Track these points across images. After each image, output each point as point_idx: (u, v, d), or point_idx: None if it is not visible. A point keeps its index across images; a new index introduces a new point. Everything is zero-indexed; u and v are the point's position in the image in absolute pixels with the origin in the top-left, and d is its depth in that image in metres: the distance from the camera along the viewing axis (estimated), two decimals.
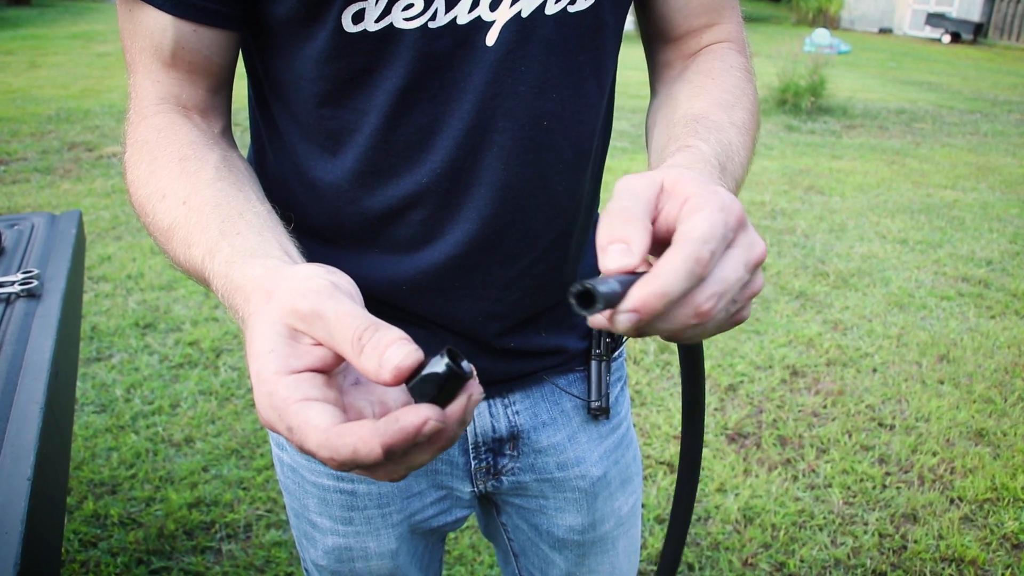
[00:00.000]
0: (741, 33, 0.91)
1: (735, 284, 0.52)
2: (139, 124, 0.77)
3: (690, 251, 0.49)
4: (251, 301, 0.56)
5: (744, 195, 5.84)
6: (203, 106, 0.80)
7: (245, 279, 0.59)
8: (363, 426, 0.47)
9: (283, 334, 0.52)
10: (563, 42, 0.78)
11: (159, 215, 0.70)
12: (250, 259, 0.60)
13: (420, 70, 0.75)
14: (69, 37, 13.60)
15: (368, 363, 0.48)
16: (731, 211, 0.52)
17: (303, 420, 0.49)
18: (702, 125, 0.74)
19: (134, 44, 0.77)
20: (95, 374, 3.17)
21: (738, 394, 3.20)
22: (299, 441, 0.49)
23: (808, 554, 2.34)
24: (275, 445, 1.04)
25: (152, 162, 0.73)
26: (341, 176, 0.82)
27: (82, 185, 5.56)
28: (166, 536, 2.32)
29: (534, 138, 0.80)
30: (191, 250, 0.66)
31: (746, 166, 0.75)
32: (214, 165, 0.71)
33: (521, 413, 0.98)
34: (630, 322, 0.48)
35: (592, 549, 1.08)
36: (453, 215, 0.82)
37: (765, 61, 9.77)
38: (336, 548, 1.01)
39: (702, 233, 0.50)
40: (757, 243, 0.54)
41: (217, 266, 0.62)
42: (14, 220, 1.79)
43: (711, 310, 0.51)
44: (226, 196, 0.68)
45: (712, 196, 0.53)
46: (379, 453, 0.47)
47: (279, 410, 0.50)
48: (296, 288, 0.53)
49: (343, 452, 0.47)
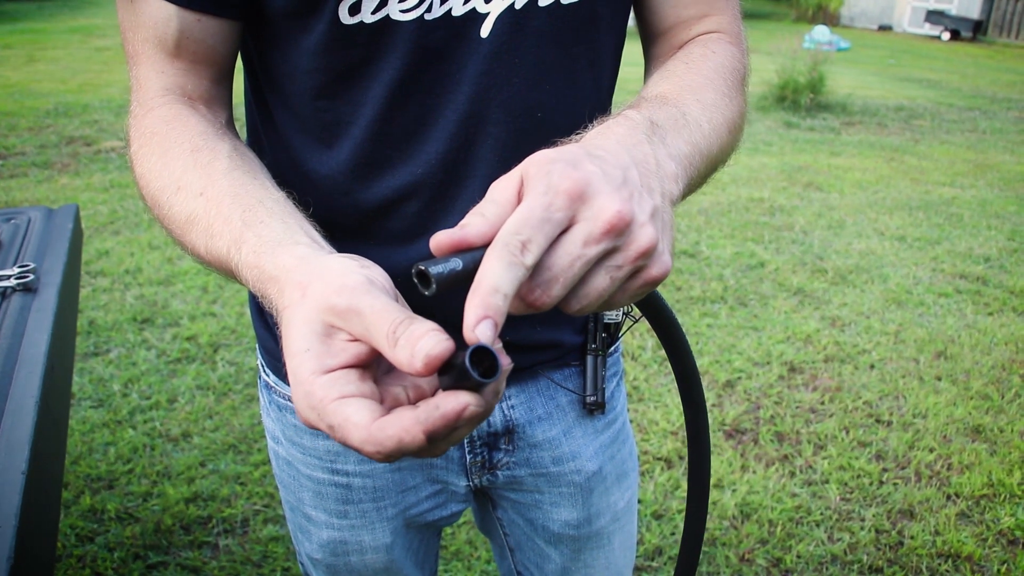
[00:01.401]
0: (735, 25, 0.89)
1: (569, 266, 0.51)
2: (145, 116, 0.76)
3: (500, 247, 0.49)
4: (285, 293, 0.56)
5: (743, 191, 5.84)
6: (207, 96, 0.80)
7: (278, 269, 0.58)
8: (403, 416, 0.49)
9: (319, 332, 0.53)
10: (557, 34, 0.78)
11: (175, 207, 0.69)
12: (279, 248, 0.60)
13: (416, 62, 0.76)
14: (68, 31, 13.56)
15: (402, 355, 0.49)
16: (557, 190, 0.51)
17: (343, 418, 0.50)
18: (648, 101, 0.71)
19: (136, 35, 0.77)
20: (92, 369, 3.17)
21: (736, 390, 3.20)
22: (342, 439, 0.50)
23: (805, 550, 2.35)
24: (271, 439, 1.04)
25: (164, 154, 0.72)
26: (336, 168, 0.82)
27: (80, 180, 5.55)
28: (163, 531, 2.32)
29: (528, 129, 0.80)
30: (213, 241, 0.65)
31: (713, 138, 0.72)
32: (227, 155, 0.71)
33: (516, 407, 0.98)
34: (489, 329, 0.48)
35: (588, 544, 1.08)
36: (447, 207, 0.82)
37: (765, 58, 9.78)
38: (331, 541, 1.01)
39: (511, 226, 0.50)
40: (605, 209, 0.51)
41: (245, 257, 0.62)
42: (11, 214, 1.79)
43: (541, 298, 0.52)
44: (243, 185, 0.67)
45: (541, 178, 0.52)
46: (422, 440, 0.48)
47: (318, 410, 0.51)
48: (331, 284, 0.53)
49: (388, 445, 0.49)
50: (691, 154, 0.67)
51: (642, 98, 0.73)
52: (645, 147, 0.61)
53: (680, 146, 0.66)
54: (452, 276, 0.50)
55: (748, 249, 4.70)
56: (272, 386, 0.99)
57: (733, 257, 4.57)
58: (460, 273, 0.50)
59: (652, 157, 0.61)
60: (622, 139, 0.61)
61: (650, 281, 0.55)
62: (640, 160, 0.59)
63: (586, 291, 0.54)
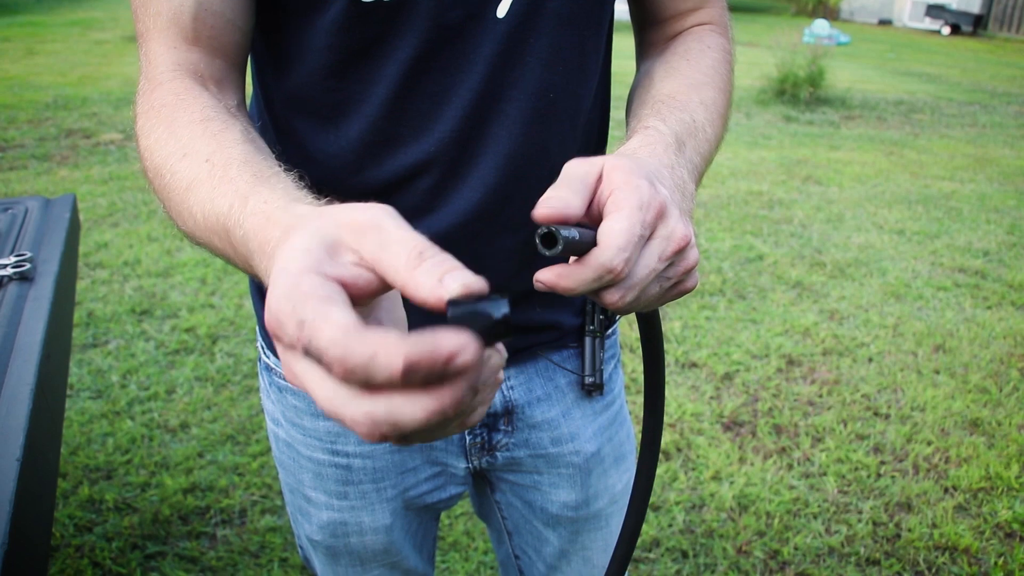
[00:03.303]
0: (724, 16, 0.94)
1: (646, 277, 0.59)
2: (153, 91, 0.71)
3: (604, 261, 0.55)
4: (295, 225, 0.50)
5: (742, 184, 5.84)
6: (220, 78, 0.76)
7: (292, 217, 0.51)
8: (389, 334, 0.39)
9: (324, 241, 0.46)
10: (571, 16, 0.80)
11: (178, 174, 0.64)
12: (296, 204, 0.54)
13: (432, 40, 0.76)
14: (67, 24, 13.54)
15: (425, 277, 0.42)
16: (649, 207, 0.57)
17: (321, 313, 0.41)
18: (666, 105, 0.77)
19: (148, 10, 0.74)
20: (91, 360, 3.17)
21: (734, 383, 3.21)
22: (308, 337, 0.41)
23: (802, 542, 2.35)
24: (271, 421, 1.04)
25: (171, 123, 0.67)
26: (346, 147, 0.82)
27: (79, 172, 5.54)
28: (161, 521, 2.32)
29: (539, 109, 0.81)
30: (215, 202, 0.59)
31: (714, 142, 0.79)
32: (240, 129, 0.67)
33: (516, 388, 0.98)
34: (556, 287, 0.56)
35: (586, 526, 1.08)
36: (458, 184, 0.83)
37: (764, 52, 9.76)
38: (331, 523, 1.02)
39: (618, 241, 0.55)
40: (676, 231, 0.59)
41: (254, 206, 0.55)
42: (8, 204, 1.79)
43: (619, 302, 0.58)
44: (255, 155, 0.63)
45: (633, 193, 0.57)
46: (398, 367, 0.38)
47: (295, 301, 0.42)
48: (356, 206, 0.48)
49: (357, 354, 0.39)
50: (700, 164, 0.75)
51: (657, 100, 0.79)
52: (677, 169, 0.68)
53: (694, 159, 0.73)
54: (573, 243, 0.54)
55: (747, 242, 4.70)
56: (273, 368, 1.00)
57: (732, 250, 4.57)
58: (579, 243, 0.55)
59: (683, 180, 0.68)
60: (663, 160, 0.68)
61: (684, 291, 0.65)
62: (679, 184, 0.67)
63: (641, 296, 0.60)
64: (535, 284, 0.57)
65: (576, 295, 0.55)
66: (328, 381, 0.42)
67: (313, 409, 0.96)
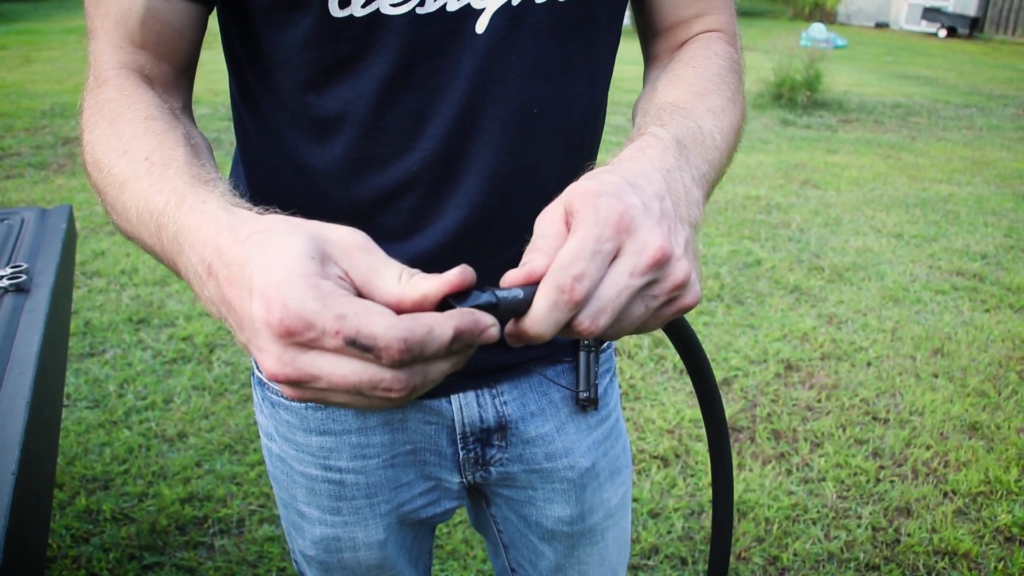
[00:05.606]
0: (732, 24, 0.90)
1: (617, 297, 0.53)
2: (99, 87, 0.72)
3: (551, 282, 0.51)
4: (259, 229, 0.51)
5: (739, 189, 5.84)
6: (166, 81, 0.76)
7: (230, 217, 0.53)
8: (430, 313, 0.48)
9: (319, 251, 0.49)
10: (553, 30, 0.78)
11: (115, 168, 0.64)
12: (236, 208, 0.55)
13: (408, 56, 0.75)
14: (64, 32, 13.54)
15: (422, 282, 0.48)
16: (607, 222, 0.53)
17: (362, 306, 0.47)
18: (668, 113, 0.73)
19: (98, 10, 0.74)
20: (88, 369, 3.16)
21: (732, 388, 3.20)
22: (355, 328, 0.46)
23: (801, 548, 2.35)
24: (264, 436, 1.03)
25: (114, 120, 0.68)
26: (331, 163, 0.81)
27: (76, 180, 5.54)
28: (158, 531, 2.32)
29: (524, 125, 0.80)
30: (151, 199, 0.59)
31: (724, 149, 0.75)
32: (183, 132, 0.67)
33: (509, 403, 0.98)
34: (517, 342, 0.53)
35: (581, 540, 1.08)
36: (443, 203, 0.82)
37: (761, 55, 9.77)
38: (324, 538, 1.01)
39: (564, 259, 0.52)
40: (650, 243, 0.54)
41: (191, 204, 0.56)
42: (4, 214, 1.78)
43: (589, 328, 0.53)
44: (195, 159, 0.63)
45: (589, 212, 0.54)
46: (449, 335, 0.47)
47: (323, 300, 0.46)
48: (337, 226, 0.52)
49: (419, 330, 0.46)
50: (708, 172, 0.70)
51: (659, 108, 0.75)
52: (676, 173, 0.63)
53: (700, 166, 0.69)
54: (515, 303, 0.52)
55: (744, 247, 4.70)
56: (266, 382, 0.99)
57: (729, 255, 4.57)
58: (522, 302, 0.52)
59: (682, 184, 0.63)
60: (656, 163, 0.63)
61: (682, 309, 0.59)
62: (673, 188, 0.61)
63: (623, 318, 0.56)
64: (509, 342, 0.54)
65: (550, 336, 0.52)
66: (359, 364, 0.47)
67: (306, 424, 0.96)
